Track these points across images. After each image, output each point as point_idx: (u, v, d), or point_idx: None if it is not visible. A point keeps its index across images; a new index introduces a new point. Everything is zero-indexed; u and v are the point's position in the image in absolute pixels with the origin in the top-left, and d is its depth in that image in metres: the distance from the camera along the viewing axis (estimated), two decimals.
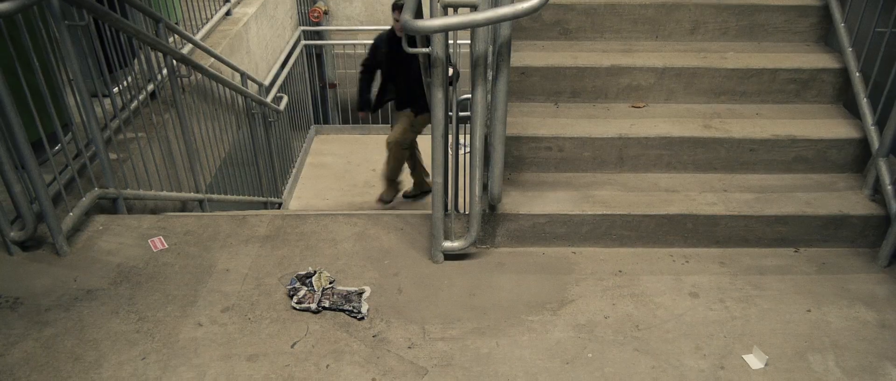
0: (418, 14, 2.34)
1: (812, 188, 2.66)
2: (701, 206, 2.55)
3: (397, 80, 5.08)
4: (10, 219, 2.57)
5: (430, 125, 4.77)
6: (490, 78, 2.19)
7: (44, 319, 2.24)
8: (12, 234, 2.54)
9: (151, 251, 2.59)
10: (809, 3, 2.97)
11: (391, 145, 5.26)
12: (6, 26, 2.36)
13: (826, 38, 3.02)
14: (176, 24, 4.26)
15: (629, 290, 2.39)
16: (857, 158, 2.71)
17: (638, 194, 2.62)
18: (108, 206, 2.96)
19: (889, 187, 2.46)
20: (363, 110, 5.37)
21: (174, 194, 3.57)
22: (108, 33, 3.15)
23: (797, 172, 2.74)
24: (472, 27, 2.02)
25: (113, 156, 3.01)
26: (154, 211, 3.32)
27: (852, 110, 2.79)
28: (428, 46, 2.21)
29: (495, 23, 1.98)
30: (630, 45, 2.98)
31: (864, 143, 2.66)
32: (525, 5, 1.89)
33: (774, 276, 2.45)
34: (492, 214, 2.52)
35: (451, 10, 2.06)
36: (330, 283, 2.40)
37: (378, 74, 5.24)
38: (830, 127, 2.73)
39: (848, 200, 2.58)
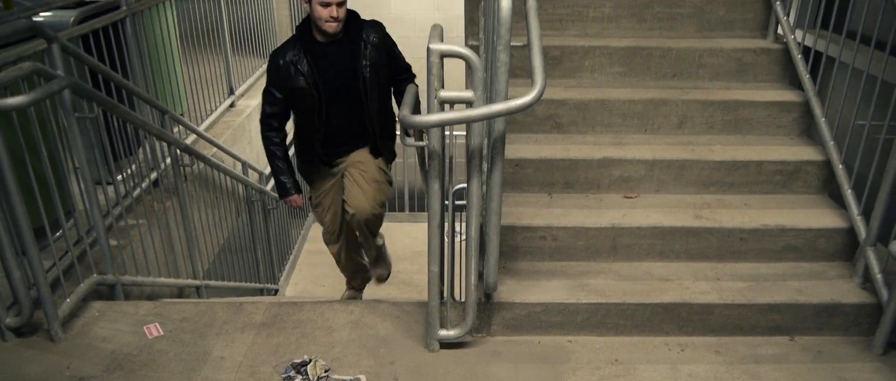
0: (416, 109, 2.44)
1: (803, 277, 2.69)
2: (695, 294, 2.57)
3: (338, 109, 3.23)
4: (6, 304, 2.57)
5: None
6: (485, 170, 2.26)
7: None
8: (8, 320, 2.53)
9: (146, 338, 2.58)
10: (791, 99, 3.10)
11: (373, 219, 3.38)
12: (17, 117, 2.44)
13: (808, 131, 3.13)
14: (181, 115, 4.39)
15: (626, 379, 2.37)
16: (846, 247, 2.76)
17: (632, 283, 2.64)
18: (106, 292, 2.97)
19: (879, 276, 2.50)
20: (295, 195, 3.52)
21: (172, 280, 3.58)
22: (115, 123, 3.25)
23: (788, 260, 2.78)
24: (468, 122, 2.11)
25: (113, 242, 3.05)
26: (151, 297, 3.32)
27: (838, 200, 2.86)
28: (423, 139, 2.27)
29: (490, 118, 2.07)
30: (621, 139, 3.08)
31: (851, 232, 2.72)
32: (518, 102, 1.97)
33: (770, 365, 2.45)
34: (487, 302, 2.53)
35: (447, 105, 2.15)
36: (325, 371, 2.38)
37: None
38: (818, 217, 2.79)
39: (839, 288, 2.61)
